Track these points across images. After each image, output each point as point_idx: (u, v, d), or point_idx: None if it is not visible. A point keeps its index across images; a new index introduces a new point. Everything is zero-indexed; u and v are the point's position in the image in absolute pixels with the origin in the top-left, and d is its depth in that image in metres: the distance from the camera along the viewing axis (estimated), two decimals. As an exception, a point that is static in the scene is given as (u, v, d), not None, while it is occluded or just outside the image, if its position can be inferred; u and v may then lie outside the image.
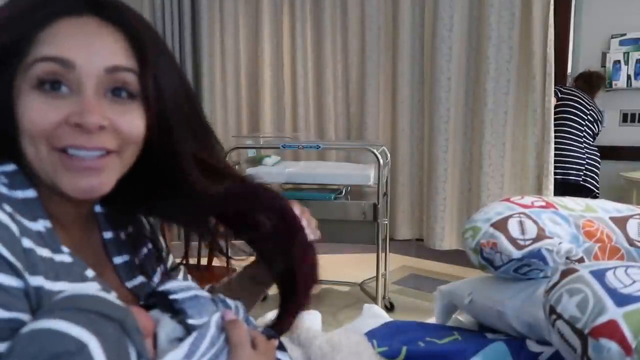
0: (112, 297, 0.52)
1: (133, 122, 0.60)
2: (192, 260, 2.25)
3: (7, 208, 0.53)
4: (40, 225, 0.57)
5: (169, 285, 0.62)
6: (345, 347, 0.94)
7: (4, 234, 0.51)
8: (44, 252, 0.55)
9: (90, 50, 0.57)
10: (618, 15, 3.36)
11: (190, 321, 0.59)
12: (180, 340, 0.57)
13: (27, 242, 0.53)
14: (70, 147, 0.56)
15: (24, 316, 0.50)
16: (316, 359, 0.93)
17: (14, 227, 0.52)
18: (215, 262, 2.20)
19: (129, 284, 0.68)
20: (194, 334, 0.57)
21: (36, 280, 0.53)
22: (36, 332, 0.45)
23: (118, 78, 0.58)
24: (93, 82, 0.57)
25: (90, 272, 0.60)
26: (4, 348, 0.46)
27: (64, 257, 0.58)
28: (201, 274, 2.12)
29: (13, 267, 0.51)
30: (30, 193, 0.58)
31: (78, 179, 0.57)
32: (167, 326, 0.58)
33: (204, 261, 2.20)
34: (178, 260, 0.87)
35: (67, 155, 0.56)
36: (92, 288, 0.59)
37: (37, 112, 0.55)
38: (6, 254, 0.50)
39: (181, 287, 0.62)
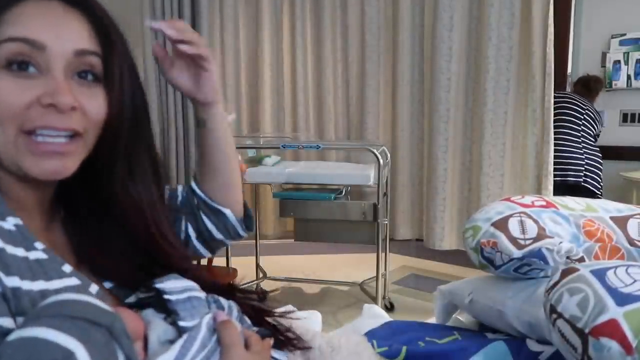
0: (99, 301, 0.51)
1: (99, 105, 0.61)
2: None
3: None
4: (10, 224, 0.56)
5: (166, 285, 0.62)
6: (345, 348, 0.94)
7: None
8: (18, 252, 0.54)
9: (59, 33, 0.58)
10: (618, 15, 3.36)
11: (182, 323, 0.58)
12: (172, 342, 0.57)
13: None
14: (40, 129, 0.56)
15: (3, 320, 0.49)
16: (315, 359, 0.92)
17: None
18: (216, 262, 2.19)
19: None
20: (185, 336, 0.56)
21: (12, 281, 0.52)
22: (22, 340, 0.45)
23: (85, 61, 0.60)
24: (62, 64, 0.58)
25: (67, 267, 0.59)
26: None
27: (39, 254, 0.57)
28: (201, 274, 2.11)
29: None
30: None
31: (44, 161, 0.57)
32: (159, 328, 0.58)
33: (203, 261, 2.19)
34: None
35: (33, 140, 0.56)
36: (71, 284, 0.58)
37: (7, 92, 0.55)
38: None
39: (177, 288, 0.62)
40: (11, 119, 0.55)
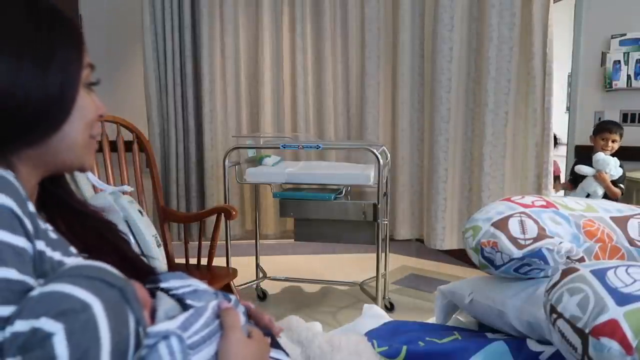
0: (113, 268, 0.56)
1: None
2: (193, 260, 2.25)
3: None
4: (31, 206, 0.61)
5: (171, 284, 0.65)
6: (345, 347, 0.94)
7: (16, 194, 0.54)
8: (41, 224, 0.59)
9: None
10: (618, 15, 3.35)
11: (190, 302, 0.63)
12: None
13: (31, 206, 0.57)
14: (96, 135, 0.71)
15: (30, 280, 0.53)
16: (315, 358, 0.92)
17: (21, 189, 0.56)
18: (216, 262, 2.19)
19: None
20: (191, 311, 0.61)
21: (39, 245, 0.56)
22: (45, 293, 0.50)
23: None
24: None
25: (73, 249, 0.64)
26: (10, 312, 0.49)
27: (52, 234, 0.61)
28: (201, 274, 2.11)
29: (25, 229, 0.54)
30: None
31: (93, 157, 0.72)
32: (167, 304, 0.62)
33: (204, 261, 2.19)
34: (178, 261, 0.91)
35: (93, 141, 0.70)
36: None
37: (90, 106, 0.68)
38: (20, 214, 0.54)
39: (182, 285, 0.66)
40: (90, 127, 0.68)
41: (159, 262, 1.71)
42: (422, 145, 3.21)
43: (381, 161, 2.47)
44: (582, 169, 2.88)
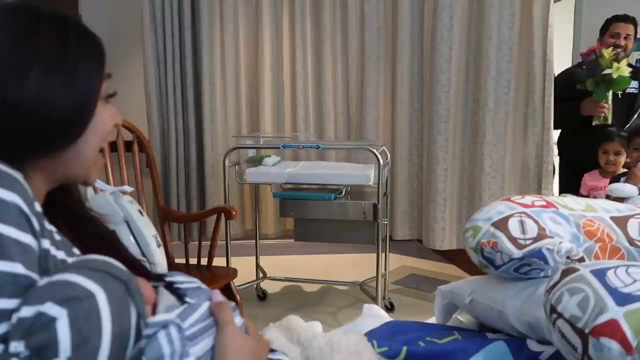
0: (118, 262, 0.58)
1: None
2: (193, 260, 2.25)
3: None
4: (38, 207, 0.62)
5: (176, 278, 0.68)
6: (345, 347, 0.94)
7: (24, 193, 0.56)
8: (46, 224, 0.60)
9: None
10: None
11: (189, 299, 0.65)
12: None
13: (37, 206, 0.58)
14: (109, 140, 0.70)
15: (35, 276, 0.54)
16: (315, 359, 0.92)
17: (29, 190, 0.57)
18: (216, 262, 2.19)
19: None
20: (186, 305, 0.63)
21: (44, 243, 0.58)
22: (52, 281, 0.52)
23: None
24: None
25: (76, 250, 0.66)
26: (15, 304, 0.50)
27: (56, 235, 0.63)
28: (201, 274, 2.11)
29: (32, 227, 0.56)
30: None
31: (99, 172, 0.72)
32: (168, 300, 0.64)
33: (204, 261, 2.19)
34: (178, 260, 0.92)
35: (100, 155, 0.70)
36: None
37: (109, 118, 0.69)
38: (28, 212, 0.55)
39: (187, 280, 0.68)
40: (103, 141, 0.69)
41: (160, 267, 1.71)
42: (422, 145, 3.21)
43: (381, 161, 2.47)
44: (624, 188, 2.03)
